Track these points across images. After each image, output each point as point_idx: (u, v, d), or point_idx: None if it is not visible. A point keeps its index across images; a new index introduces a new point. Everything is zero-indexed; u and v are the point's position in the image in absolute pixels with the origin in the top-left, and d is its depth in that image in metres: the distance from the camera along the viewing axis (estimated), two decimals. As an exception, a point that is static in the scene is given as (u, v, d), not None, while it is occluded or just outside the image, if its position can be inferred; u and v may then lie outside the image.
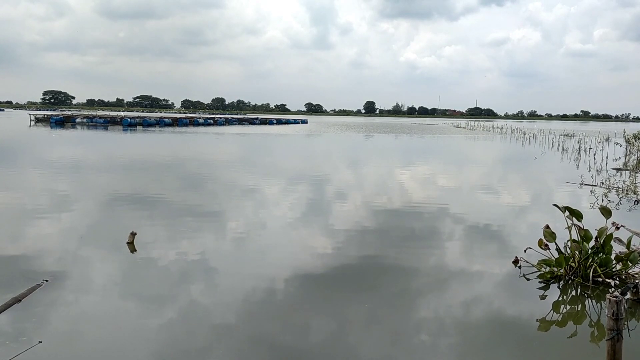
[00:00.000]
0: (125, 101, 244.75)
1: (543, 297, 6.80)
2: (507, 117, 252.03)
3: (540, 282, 7.19)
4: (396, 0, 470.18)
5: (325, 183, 16.79)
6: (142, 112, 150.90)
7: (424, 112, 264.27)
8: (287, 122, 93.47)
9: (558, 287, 7.10)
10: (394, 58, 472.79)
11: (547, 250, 7.51)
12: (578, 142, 34.71)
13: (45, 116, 68.95)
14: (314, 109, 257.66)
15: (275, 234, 9.72)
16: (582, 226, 7.38)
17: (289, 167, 21.92)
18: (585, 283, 7.04)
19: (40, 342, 5.00)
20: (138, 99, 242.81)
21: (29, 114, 71.63)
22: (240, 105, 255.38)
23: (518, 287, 7.10)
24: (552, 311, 6.32)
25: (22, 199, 12.54)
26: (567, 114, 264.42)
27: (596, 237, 7.26)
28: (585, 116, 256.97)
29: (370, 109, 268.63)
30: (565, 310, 6.47)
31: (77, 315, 5.81)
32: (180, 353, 5.00)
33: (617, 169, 21.86)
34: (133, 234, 8.50)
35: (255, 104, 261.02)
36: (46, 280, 6.64)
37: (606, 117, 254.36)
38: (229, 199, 13.53)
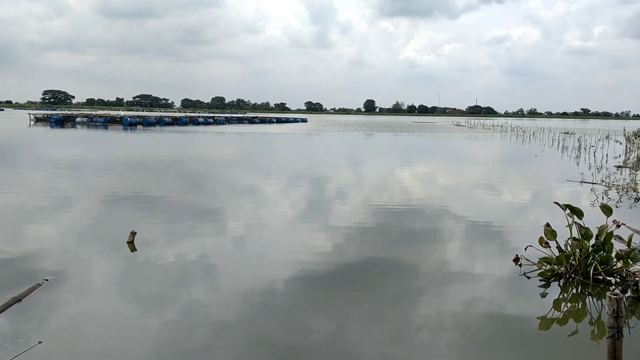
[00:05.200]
0: (125, 100, 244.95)
1: (544, 295, 6.79)
2: (507, 115, 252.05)
3: (540, 280, 7.19)
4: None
5: (325, 182, 16.79)
6: (142, 111, 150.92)
7: (424, 111, 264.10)
8: (287, 120, 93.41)
9: (559, 285, 7.10)
10: (394, 56, 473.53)
11: (548, 249, 7.50)
12: (578, 140, 34.68)
13: (45, 116, 68.86)
14: (314, 108, 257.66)
15: (275, 233, 9.71)
16: (582, 224, 7.37)
17: (289, 166, 21.91)
18: (586, 281, 7.04)
19: (40, 342, 4.99)
20: (138, 98, 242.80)
21: (29, 114, 71.59)
22: (240, 104, 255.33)
23: (519, 285, 7.09)
24: (552, 309, 6.32)
25: (22, 199, 12.53)
26: (567, 111, 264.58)
27: (597, 235, 7.25)
28: (585, 114, 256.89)
29: (370, 107, 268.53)
30: (565, 308, 6.46)
31: (77, 315, 5.80)
32: (180, 353, 5.00)
33: (618, 167, 21.85)
34: (133, 234, 8.49)
35: (255, 103, 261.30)
36: (46, 280, 6.63)
37: (606, 115, 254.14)
38: (229, 198, 13.53)
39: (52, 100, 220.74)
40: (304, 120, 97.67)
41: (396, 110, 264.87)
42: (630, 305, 6.23)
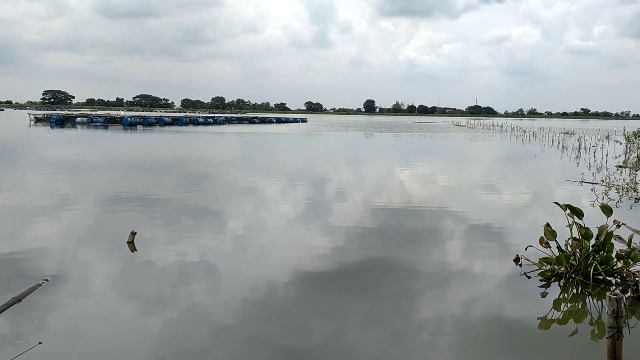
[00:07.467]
0: (125, 100, 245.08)
1: (544, 295, 6.79)
2: (507, 115, 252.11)
3: (541, 280, 7.18)
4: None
5: (325, 182, 16.78)
6: (142, 111, 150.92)
7: (423, 111, 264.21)
8: (287, 121, 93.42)
9: (559, 285, 7.10)
10: (394, 56, 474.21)
11: (548, 249, 7.50)
12: (578, 140, 34.67)
13: (45, 116, 68.88)
14: (313, 108, 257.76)
15: (275, 233, 9.71)
16: (583, 224, 7.37)
17: (289, 166, 21.91)
18: (586, 281, 7.03)
19: (40, 342, 4.99)
20: (138, 99, 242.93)
21: (29, 114, 71.62)
22: (240, 104, 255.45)
23: (519, 285, 7.09)
24: (552, 309, 6.32)
25: (22, 199, 12.53)
26: (567, 111, 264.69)
27: (597, 235, 7.24)
28: (585, 114, 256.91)
29: (370, 107, 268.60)
30: (566, 308, 6.46)
31: (77, 315, 5.80)
32: (180, 353, 5.00)
33: (618, 167, 21.84)
34: (133, 234, 8.49)
35: (255, 103, 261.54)
36: (46, 280, 6.63)
37: (606, 115, 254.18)
38: (229, 198, 13.52)
39: (52, 100, 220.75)
40: (303, 121, 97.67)
41: (396, 110, 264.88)
42: (630, 305, 6.23)
